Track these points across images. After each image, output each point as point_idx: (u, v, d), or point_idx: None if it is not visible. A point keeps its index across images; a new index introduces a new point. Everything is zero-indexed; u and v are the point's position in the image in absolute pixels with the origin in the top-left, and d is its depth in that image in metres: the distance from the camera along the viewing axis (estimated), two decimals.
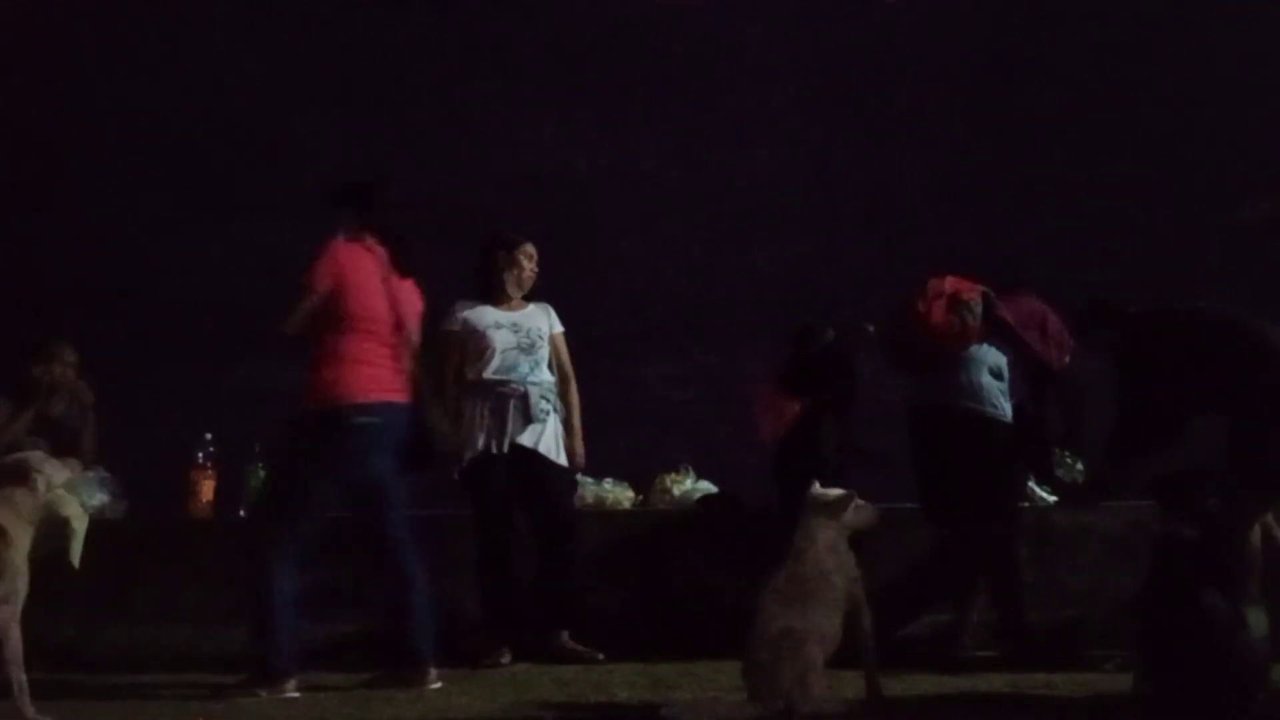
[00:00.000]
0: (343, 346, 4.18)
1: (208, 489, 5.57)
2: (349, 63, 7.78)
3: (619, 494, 5.77)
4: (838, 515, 3.64)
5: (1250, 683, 3.27)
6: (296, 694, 4.04)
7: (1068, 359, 4.97)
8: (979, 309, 4.83)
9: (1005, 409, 4.84)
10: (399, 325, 4.31)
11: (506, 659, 4.71)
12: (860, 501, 3.70)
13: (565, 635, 4.87)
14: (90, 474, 5.35)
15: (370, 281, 4.25)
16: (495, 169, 7.59)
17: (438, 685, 4.18)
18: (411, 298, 4.43)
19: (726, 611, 4.43)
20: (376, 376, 4.21)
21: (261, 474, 5.79)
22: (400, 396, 4.29)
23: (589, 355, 5.40)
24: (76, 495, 5.05)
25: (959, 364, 4.83)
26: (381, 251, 4.35)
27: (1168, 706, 3.29)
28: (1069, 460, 5.24)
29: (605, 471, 5.74)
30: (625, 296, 7.51)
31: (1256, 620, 3.77)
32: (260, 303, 4.39)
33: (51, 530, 5.09)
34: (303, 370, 4.23)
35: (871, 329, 5.20)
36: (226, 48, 7.77)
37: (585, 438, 5.19)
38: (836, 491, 3.71)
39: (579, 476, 5.49)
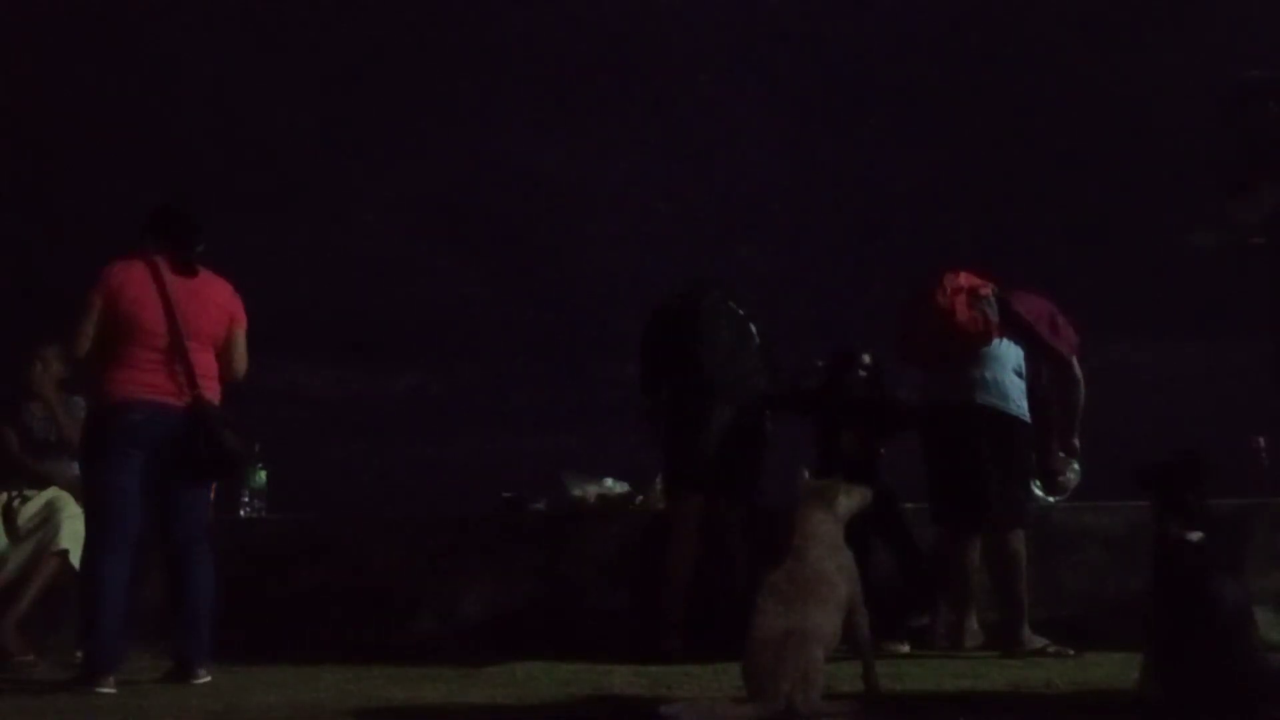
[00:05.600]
0: (115, 351, 4.41)
1: None
2: (345, 68, 7.81)
3: (618, 494, 5.77)
4: (831, 504, 3.64)
5: (1262, 683, 3.24)
6: (113, 689, 4.12)
7: (1076, 357, 4.96)
8: (995, 304, 4.81)
9: (1025, 408, 4.82)
10: (175, 330, 4.42)
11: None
12: (849, 485, 3.69)
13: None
14: None
15: (141, 291, 4.44)
16: (494, 174, 7.61)
17: (206, 679, 4.32)
18: (205, 301, 4.56)
19: (726, 612, 4.43)
20: (141, 379, 4.39)
21: (261, 474, 5.80)
22: (170, 399, 4.41)
23: (588, 356, 5.41)
24: (75, 496, 5.06)
25: (981, 361, 4.79)
26: (166, 260, 4.52)
27: (1176, 708, 3.27)
28: (1071, 463, 5.22)
29: (605, 471, 5.75)
30: (623, 298, 7.52)
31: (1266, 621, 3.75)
32: (259, 302, 4.39)
33: (50, 532, 5.14)
34: (90, 375, 4.51)
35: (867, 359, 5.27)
36: (225, 49, 7.78)
37: (583, 437, 5.17)
38: (825, 481, 3.71)
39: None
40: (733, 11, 7.93)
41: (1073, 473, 5.18)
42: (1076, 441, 5.05)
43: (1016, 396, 4.79)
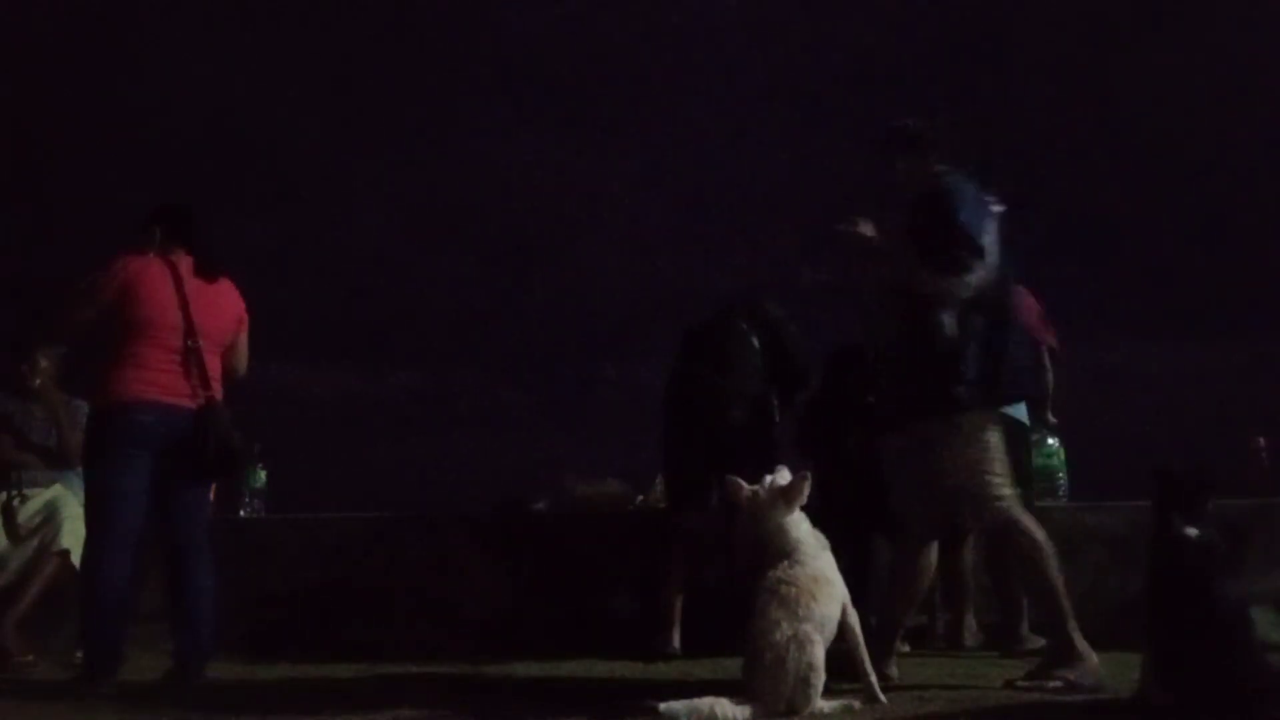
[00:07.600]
0: (126, 350, 4.33)
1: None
2: (346, 68, 7.83)
3: (619, 494, 5.78)
4: (790, 504, 3.63)
5: (1262, 683, 3.23)
6: (113, 690, 4.11)
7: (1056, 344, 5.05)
8: None
9: (1024, 410, 4.83)
10: (192, 332, 4.38)
11: None
12: (783, 482, 3.69)
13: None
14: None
15: (160, 291, 4.37)
16: (494, 174, 7.63)
17: (207, 680, 4.31)
18: (220, 304, 4.53)
19: (727, 610, 4.43)
20: (154, 379, 4.33)
21: (262, 474, 5.80)
22: (183, 400, 4.36)
23: (587, 357, 5.41)
24: (76, 496, 5.06)
25: None
26: (185, 262, 4.47)
27: (1176, 708, 3.27)
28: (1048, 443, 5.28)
29: (605, 471, 5.75)
30: (622, 299, 7.54)
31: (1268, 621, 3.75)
32: (259, 302, 4.39)
33: (51, 532, 5.15)
34: (95, 373, 4.43)
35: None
36: (225, 50, 7.79)
37: (583, 437, 5.18)
38: (786, 476, 3.70)
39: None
40: (733, 11, 7.95)
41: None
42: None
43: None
